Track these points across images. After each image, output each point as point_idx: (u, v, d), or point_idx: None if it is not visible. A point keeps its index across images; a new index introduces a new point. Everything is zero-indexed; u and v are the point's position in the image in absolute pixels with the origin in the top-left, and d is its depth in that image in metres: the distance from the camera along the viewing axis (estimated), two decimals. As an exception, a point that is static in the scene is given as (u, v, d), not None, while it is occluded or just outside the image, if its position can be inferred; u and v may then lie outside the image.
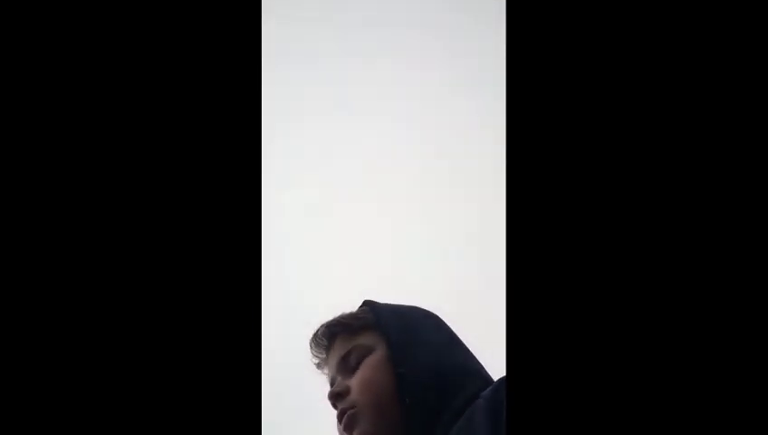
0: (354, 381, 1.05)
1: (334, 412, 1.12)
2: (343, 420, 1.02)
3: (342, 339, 1.10)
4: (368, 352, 1.07)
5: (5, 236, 0.54)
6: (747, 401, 0.48)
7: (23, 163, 0.55)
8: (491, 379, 1.04)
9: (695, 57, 0.51)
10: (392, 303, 1.14)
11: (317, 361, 1.14)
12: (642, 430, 0.49)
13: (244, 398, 0.57)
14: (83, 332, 0.55)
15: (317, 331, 1.13)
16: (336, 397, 1.04)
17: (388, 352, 1.06)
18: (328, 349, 1.12)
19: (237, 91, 0.58)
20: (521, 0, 0.55)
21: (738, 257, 0.50)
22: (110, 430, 0.53)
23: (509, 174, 0.56)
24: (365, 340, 1.09)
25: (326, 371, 1.13)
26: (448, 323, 1.12)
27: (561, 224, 0.53)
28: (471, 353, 1.09)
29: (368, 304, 1.16)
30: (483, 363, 1.08)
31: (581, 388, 0.50)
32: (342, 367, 1.08)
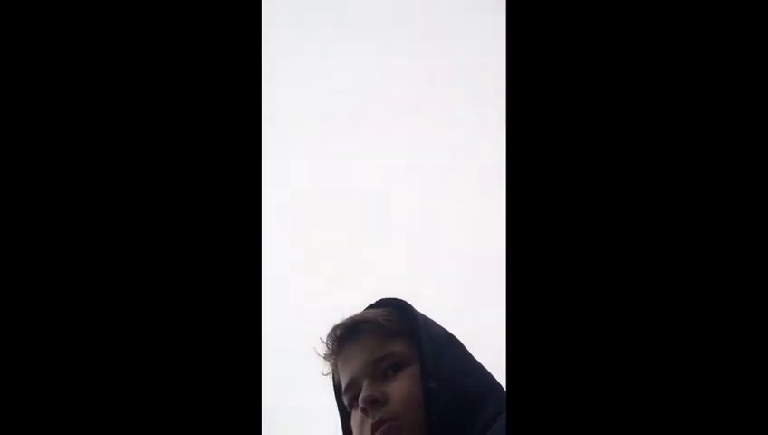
0: (394, 392, 0.98)
1: (334, 413, 1.08)
2: (382, 430, 0.95)
3: (373, 339, 1.03)
4: (405, 362, 1.01)
5: (5, 237, 0.54)
6: (748, 408, 0.47)
7: (22, 163, 0.55)
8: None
9: (693, 47, 0.51)
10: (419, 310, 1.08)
11: (327, 352, 1.07)
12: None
13: (244, 398, 0.57)
14: (83, 331, 0.55)
15: (341, 322, 1.06)
16: (373, 403, 0.96)
17: (421, 365, 1.00)
18: (344, 343, 1.05)
19: (237, 84, 0.58)
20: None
21: (738, 259, 0.49)
22: (110, 430, 0.53)
23: (509, 174, 0.55)
24: (400, 347, 1.02)
25: (333, 365, 1.07)
26: (454, 319, 1.09)
27: (562, 224, 0.53)
28: (484, 367, 1.05)
29: (395, 305, 1.08)
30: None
31: (585, 403, 0.50)
32: (373, 371, 1.00)
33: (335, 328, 1.07)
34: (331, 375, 1.10)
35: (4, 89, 0.54)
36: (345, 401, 1.05)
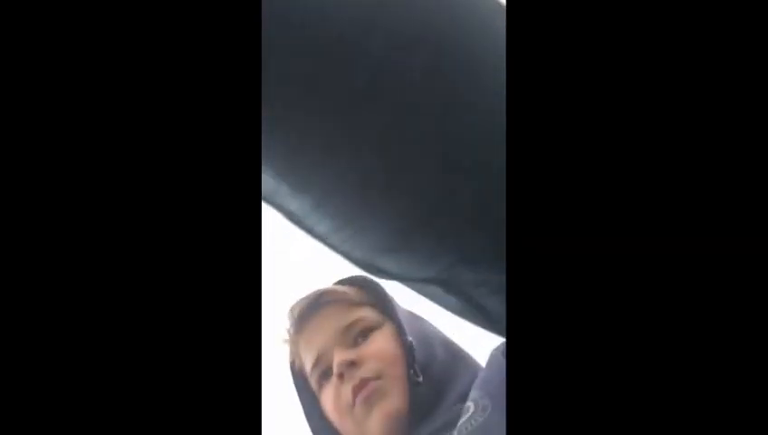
0: (371, 351, 0.91)
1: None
2: (365, 392, 0.88)
3: (338, 309, 0.97)
4: (375, 325, 0.96)
5: (3, 236, 0.54)
6: (750, 408, 0.47)
7: (20, 162, 0.55)
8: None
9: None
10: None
11: (286, 335, 1.01)
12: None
13: (244, 398, 0.57)
14: (81, 331, 0.55)
15: (299, 300, 1.01)
16: (351, 365, 0.90)
17: (396, 322, 0.96)
18: (305, 321, 0.98)
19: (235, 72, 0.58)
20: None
21: (740, 264, 0.49)
22: (109, 430, 0.53)
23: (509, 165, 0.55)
24: (368, 313, 0.97)
25: (294, 348, 1.00)
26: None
27: (563, 219, 0.52)
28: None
29: (357, 280, 1.03)
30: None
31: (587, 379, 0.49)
32: (343, 338, 0.93)
33: (293, 308, 1.01)
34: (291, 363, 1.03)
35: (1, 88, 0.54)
36: (314, 382, 0.97)
